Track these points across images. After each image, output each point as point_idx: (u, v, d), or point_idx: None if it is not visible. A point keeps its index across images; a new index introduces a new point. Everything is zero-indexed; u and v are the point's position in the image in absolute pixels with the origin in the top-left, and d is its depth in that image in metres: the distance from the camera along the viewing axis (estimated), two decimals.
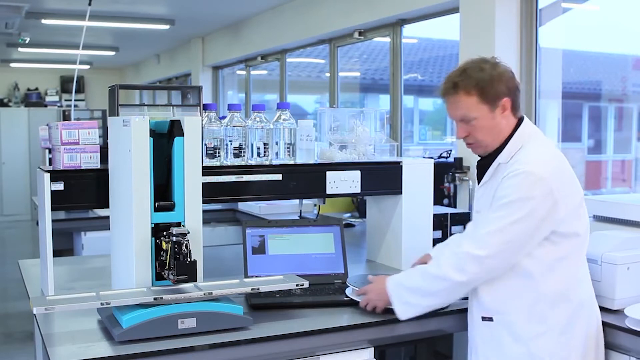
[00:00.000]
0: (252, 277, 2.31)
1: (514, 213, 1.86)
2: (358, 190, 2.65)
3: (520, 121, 2.02)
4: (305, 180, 2.56)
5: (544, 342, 1.92)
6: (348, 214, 4.50)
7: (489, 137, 1.99)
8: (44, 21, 6.93)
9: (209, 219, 4.68)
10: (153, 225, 2.03)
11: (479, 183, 2.10)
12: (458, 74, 1.97)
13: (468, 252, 1.90)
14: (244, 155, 2.49)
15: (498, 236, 1.87)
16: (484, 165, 2.07)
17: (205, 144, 2.41)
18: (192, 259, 1.96)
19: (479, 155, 2.10)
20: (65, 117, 11.08)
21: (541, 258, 1.91)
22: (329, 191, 2.60)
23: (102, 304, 1.87)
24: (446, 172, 3.92)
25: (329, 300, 2.24)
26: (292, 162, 2.55)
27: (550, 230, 1.89)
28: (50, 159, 2.78)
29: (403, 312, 2.03)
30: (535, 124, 3.59)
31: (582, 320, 1.96)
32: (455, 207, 3.88)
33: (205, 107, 2.41)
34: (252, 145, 2.52)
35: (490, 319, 1.98)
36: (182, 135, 2.04)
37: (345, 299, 2.25)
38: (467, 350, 2.13)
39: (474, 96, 1.94)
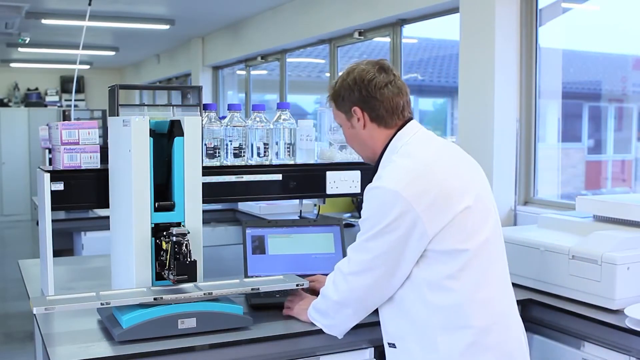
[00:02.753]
0: (252, 277, 2.31)
1: (369, 230, 1.75)
2: (358, 190, 2.64)
3: (394, 135, 1.87)
4: (305, 180, 2.56)
5: None
6: (348, 214, 4.49)
7: (356, 147, 1.96)
8: (44, 21, 6.93)
9: (209, 219, 4.68)
10: (153, 225, 2.03)
11: None
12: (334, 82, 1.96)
13: (339, 268, 1.86)
14: (244, 155, 2.49)
15: (358, 253, 1.79)
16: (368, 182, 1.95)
17: (205, 144, 2.41)
18: (192, 259, 1.96)
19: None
20: (65, 117, 11.08)
21: (425, 279, 1.73)
22: (329, 191, 2.60)
23: (102, 304, 1.87)
24: None
25: None
26: (292, 162, 2.55)
27: (422, 248, 1.71)
28: (50, 159, 2.78)
29: (329, 330, 1.96)
30: (535, 124, 3.60)
31: (487, 349, 1.73)
32: None
33: (205, 107, 2.41)
34: (252, 145, 2.52)
35: (394, 345, 1.84)
36: (182, 135, 2.04)
37: None
38: None
39: (333, 104, 1.94)
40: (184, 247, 1.95)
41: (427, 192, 1.71)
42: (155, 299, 1.89)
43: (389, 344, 1.87)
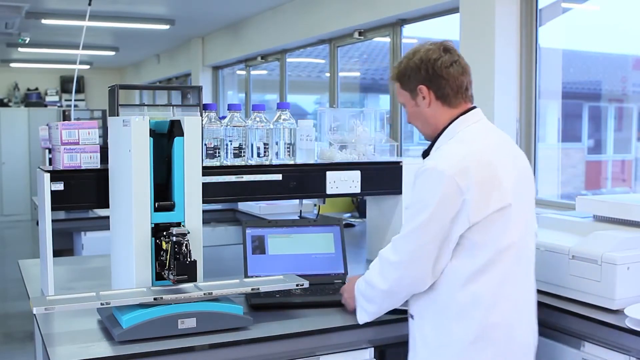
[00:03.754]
0: (252, 277, 2.31)
1: (419, 213, 1.78)
2: (358, 190, 2.64)
3: (460, 115, 1.92)
4: (305, 180, 2.56)
5: (448, 354, 1.82)
6: (348, 214, 4.50)
7: (419, 124, 1.98)
8: (44, 21, 6.93)
9: (209, 219, 4.68)
10: (153, 225, 2.03)
11: None
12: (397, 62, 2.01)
13: (386, 258, 1.87)
14: (244, 155, 2.49)
15: (407, 240, 1.81)
16: (423, 156, 2.02)
17: (205, 144, 2.41)
18: (192, 259, 1.96)
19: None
20: (65, 117, 11.08)
21: (454, 267, 1.79)
22: (329, 191, 2.60)
23: (102, 304, 1.87)
24: None
25: (329, 300, 2.24)
26: (292, 162, 2.55)
27: (462, 231, 1.76)
28: (50, 159, 2.78)
29: (359, 316, 2.02)
30: (535, 124, 3.60)
31: (490, 346, 1.80)
32: None
33: (205, 107, 2.41)
34: (252, 145, 2.52)
35: (412, 317, 1.94)
36: (182, 135, 2.04)
37: None
38: None
39: (397, 82, 1.98)
40: (184, 247, 1.95)
41: (476, 180, 1.75)
42: (155, 299, 1.89)
43: (410, 314, 1.95)
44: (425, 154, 1.96)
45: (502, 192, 1.79)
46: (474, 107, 1.95)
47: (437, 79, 1.89)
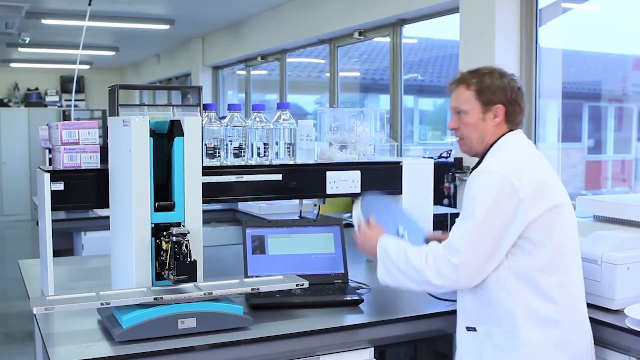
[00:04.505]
0: (252, 277, 2.31)
1: (478, 212, 1.85)
2: (358, 190, 2.65)
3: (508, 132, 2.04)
4: (305, 180, 2.56)
5: (518, 358, 1.87)
6: (348, 214, 4.49)
7: (475, 136, 2.03)
8: (44, 21, 6.93)
9: (209, 219, 4.67)
10: (153, 225, 2.03)
11: None
12: (470, 71, 2.06)
13: (445, 257, 1.88)
14: (244, 155, 2.49)
15: (467, 241, 1.85)
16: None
17: (205, 144, 2.41)
18: (192, 259, 1.96)
19: (466, 154, 2.12)
20: (65, 117, 11.09)
21: (513, 269, 1.87)
22: (329, 191, 2.60)
23: (102, 304, 1.87)
24: (446, 172, 3.92)
25: (329, 300, 2.24)
26: (292, 162, 2.55)
27: (519, 231, 1.85)
28: (50, 159, 2.78)
29: (383, 276, 2.04)
30: (535, 124, 3.60)
31: (568, 348, 1.90)
32: (455, 207, 3.88)
33: (205, 107, 2.41)
34: (252, 145, 2.52)
35: (474, 329, 1.96)
36: (182, 135, 2.04)
37: (346, 298, 2.25)
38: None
39: (471, 91, 2.01)
40: (184, 247, 1.95)
41: (530, 180, 1.86)
42: (155, 299, 1.89)
43: (467, 327, 1.98)
44: (475, 166, 2.03)
45: (552, 192, 1.90)
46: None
47: (514, 105, 2.01)
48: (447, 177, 3.91)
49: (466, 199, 1.91)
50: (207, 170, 2.32)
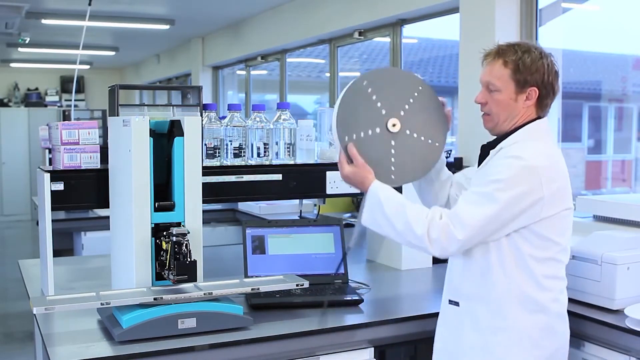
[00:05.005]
0: (252, 277, 2.31)
1: (499, 194, 1.79)
2: (358, 190, 2.64)
3: (537, 119, 1.97)
4: (305, 180, 2.56)
5: (502, 339, 1.86)
6: (348, 214, 4.49)
7: (503, 115, 1.94)
8: (44, 21, 6.92)
9: (209, 219, 4.68)
10: (153, 225, 2.03)
11: (478, 165, 2.03)
12: (508, 44, 1.97)
13: (450, 230, 1.80)
14: (244, 155, 2.49)
15: (478, 218, 1.80)
16: (486, 149, 2.01)
17: (205, 144, 2.41)
18: (192, 259, 1.96)
19: (488, 131, 2.02)
20: (65, 117, 11.08)
21: (517, 254, 1.85)
22: (329, 191, 2.60)
23: (102, 304, 1.87)
24: None
25: (329, 300, 2.24)
26: (292, 162, 2.55)
27: (527, 223, 1.83)
28: (50, 159, 2.78)
29: (366, 220, 1.94)
30: None
31: (553, 334, 1.90)
32: None
33: (205, 107, 2.41)
34: (252, 145, 2.52)
35: (457, 304, 1.95)
36: (182, 135, 2.04)
37: (346, 298, 2.25)
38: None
39: (508, 69, 1.92)
40: (184, 247, 1.95)
41: (555, 180, 1.84)
42: (155, 299, 1.89)
43: (450, 300, 1.96)
44: (491, 146, 1.97)
45: (569, 195, 1.91)
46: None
47: (548, 89, 1.94)
48: None
49: (490, 176, 1.84)
50: (207, 170, 2.32)
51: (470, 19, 3.72)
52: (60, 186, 2.24)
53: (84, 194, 2.29)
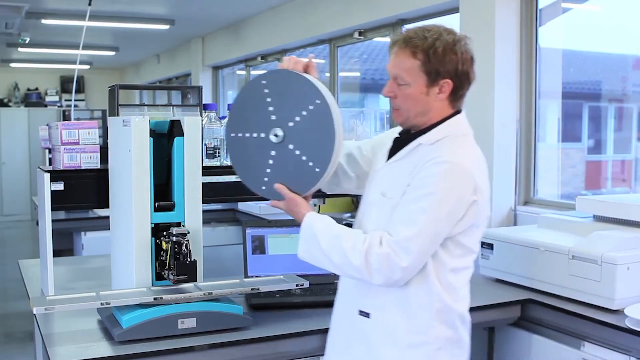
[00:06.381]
0: (252, 277, 2.31)
1: (436, 208, 1.64)
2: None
3: (455, 114, 1.79)
4: None
5: (420, 354, 1.73)
6: (348, 214, 4.49)
7: (414, 110, 1.74)
8: (44, 21, 6.92)
9: (209, 219, 4.68)
10: (153, 225, 2.03)
11: (388, 159, 1.82)
12: (416, 30, 1.74)
13: (392, 259, 1.64)
14: None
15: (419, 240, 1.64)
16: (400, 142, 1.81)
17: (205, 144, 2.41)
18: (192, 259, 1.96)
19: (399, 125, 1.83)
20: (65, 117, 11.08)
21: (436, 266, 1.71)
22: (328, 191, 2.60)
23: (102, 304, 1.87)
24: None
25: (329, 300, 2.23)
26: None
27: (458, 231, 1.69)
28: (50, 159, 2.78)
29: (303, 255, 1.78)
30: (535, 124, 3.59)
31: (461, 346, 1.79)
32: None
33: (205, 107, 2.41)
34: None
35: (367, 315, 1.76)
36: (182, 135, 2.04)
37: None
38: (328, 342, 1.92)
39: (417, 60, 1.70)
40: (184, 247, 1.95)
41: (485, 183, 1.73)
42: (155, 299, 1.89)
43: (361, 311, 1.78)
44: (406, 140, 1.79)
45: (489, 201, 1.78)
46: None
47: (463, 79, 1.75)
48: None
49: (422, 189, 1.66)
50: (207, 170, 2.32)
51: (470, 19, 3.72)
52: (60, 186, 2.24)
53: (84, 194, 2.29)
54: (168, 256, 1.97)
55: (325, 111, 1.75)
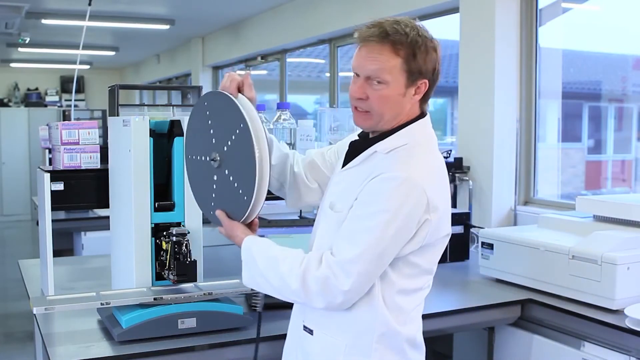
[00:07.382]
0: None
1: (383, 228, 1.49)
2: None
3: (420, 117, 1.65)
4: None
5: None
6: None
7: (388, 113, 1.59)
8: (44, 21, 6.93)
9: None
10: (153, 225, 2.03)
11: (343, 166, 1.68)
12: (392, 21, 1.60)
13: (332, 282, 1.51)
14: None
15: (362, 262, 1.50)
16: (356, 148, 1.67)
17: None
18: (192, 259, 1.96)
19: (363, 129, 1.69)
20: (65, 117, 11.07)
21: (384, 287, 1.57)
22: None
23: (102, 304, 1.87)
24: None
25: None
26: None
27: (408, 251, 1.55)
28: (50, 159, 2.78)
29: (247, 280, 1.68)
30: (535, 124, 3.60)
31: None
32: (455, 207, 3.88)
33: None
34: None
35: (311, 332, 1.66)
36: (182, 135, 2.04)
37: None
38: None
39: (399, 58, 1.55)
40: (184, 247, 1.95)
41: (442, 200, 1.57)
42: (155, 299, 1.89)
43: (305, 327, 1.68)
44: (363, 145, 1.65)
45: (448, 220, 1.63)
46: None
47: (436, 80, 1.64)
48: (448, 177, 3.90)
49: (370, 206, 1.52)
50: None
51: (470, 19, 3.72)
52: (60, 186, 2.24)
53: (84, 194, 2.29)
54: (168, 256, 1.97)
55: (247, 137, 1.60)
